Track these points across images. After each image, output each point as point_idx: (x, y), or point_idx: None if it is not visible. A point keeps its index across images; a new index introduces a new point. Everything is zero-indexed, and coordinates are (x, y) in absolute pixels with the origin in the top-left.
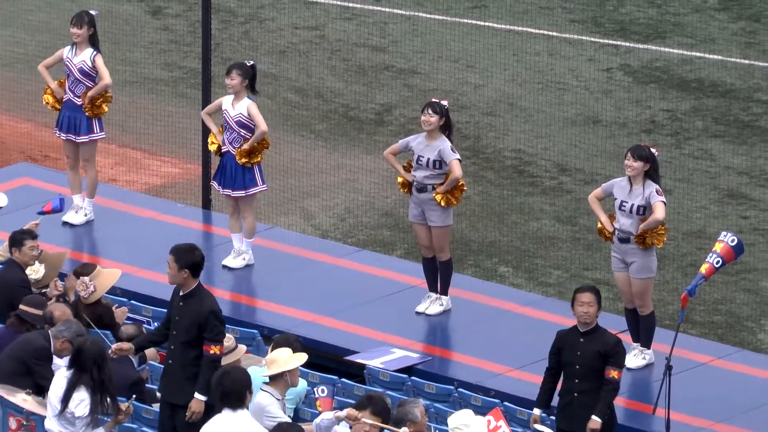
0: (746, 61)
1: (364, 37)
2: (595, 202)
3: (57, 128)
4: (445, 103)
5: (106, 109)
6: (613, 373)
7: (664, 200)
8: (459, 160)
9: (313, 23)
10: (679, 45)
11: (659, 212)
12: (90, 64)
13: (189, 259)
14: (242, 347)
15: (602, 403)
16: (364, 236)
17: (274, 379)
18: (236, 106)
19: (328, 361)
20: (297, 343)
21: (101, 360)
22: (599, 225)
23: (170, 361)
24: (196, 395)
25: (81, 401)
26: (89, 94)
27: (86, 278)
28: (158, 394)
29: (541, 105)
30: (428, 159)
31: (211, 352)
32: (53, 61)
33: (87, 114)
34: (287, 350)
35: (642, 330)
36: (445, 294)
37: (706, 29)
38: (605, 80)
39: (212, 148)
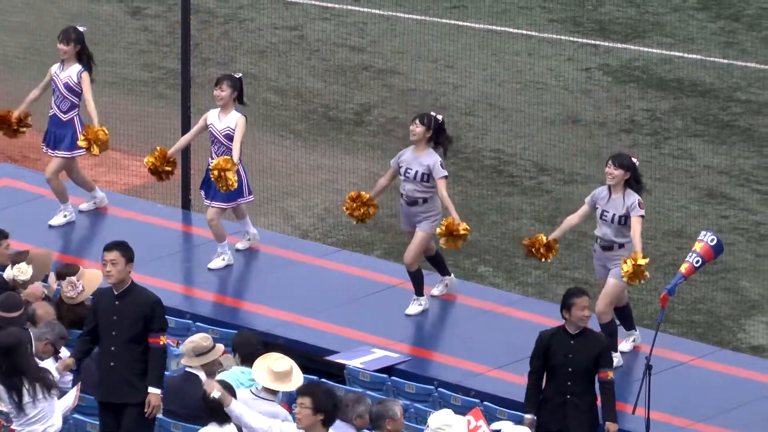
0: (725, 61)
1: (343, 38)
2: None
3: (44, 144)
4: (440, 117)
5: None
6: (610, 375)
7: (644, 215)
8: (445, 177)
9: (293, 23)
10: (659, 44)
11: (638, 230)
12: (75, 80)
13: (132, 254)
14: (220, 347)
15: (610, 406)
16: (343, 236)
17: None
18: (224, 120)
19: (309, 361)
20: (260, 345)
21: (6, 349)
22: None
23: (112, 364)
24: (152, 390)
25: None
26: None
27: (73, 278)
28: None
29: (521, 105)
30: (416, 172)
31: (161, 343)
32: (45, 84)
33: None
34: (288, 360)
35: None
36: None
37: (685, 29)
38: (584, 80)
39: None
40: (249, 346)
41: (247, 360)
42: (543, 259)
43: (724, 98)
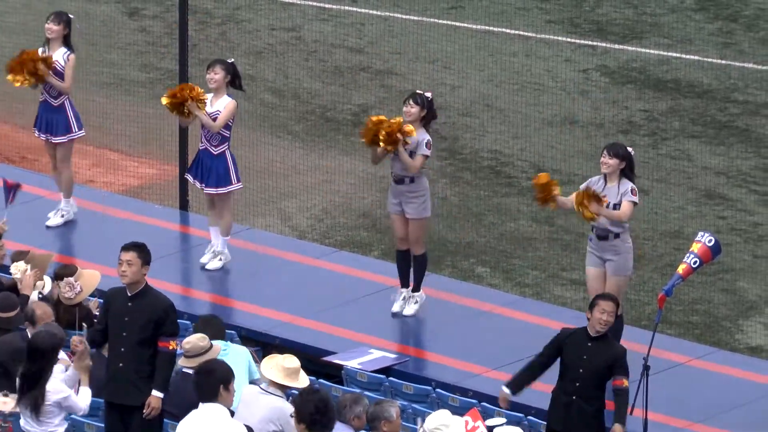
0: (723, 62)
1: (340, 38)
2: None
3: (35, 128)
4: (428, 94)
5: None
6: (625, 382)
7: (636, 201)
8: (426, 156)
9: (290, 24)
10: (656, 45)
11: (624, 212)
12: (63, 63)
13: (149, 257)
14: (217, 346)
15: (621, 411)
16: (341, 237)
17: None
18: (215, 104)
19: (307, 362)
20: (219, 326)
21: (43, 351)
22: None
23: (120, 365)
24: (154, 392)
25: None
26: (50, 80)
27: (71, 279)
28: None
29: (518, 106)
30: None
31: (170, 348)
32: None
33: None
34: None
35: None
36: (418, 290)
37: (683, 30)
38: (582, 81)
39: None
40: (218, 324)
41: (218, 337)
42: (549, 196)
43: (721, 99)
